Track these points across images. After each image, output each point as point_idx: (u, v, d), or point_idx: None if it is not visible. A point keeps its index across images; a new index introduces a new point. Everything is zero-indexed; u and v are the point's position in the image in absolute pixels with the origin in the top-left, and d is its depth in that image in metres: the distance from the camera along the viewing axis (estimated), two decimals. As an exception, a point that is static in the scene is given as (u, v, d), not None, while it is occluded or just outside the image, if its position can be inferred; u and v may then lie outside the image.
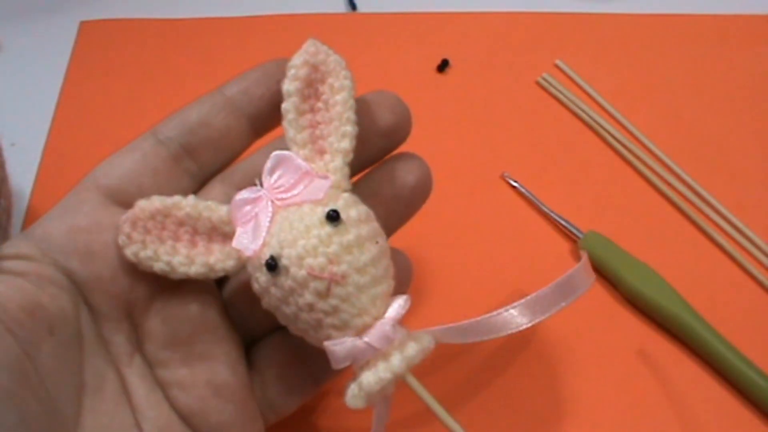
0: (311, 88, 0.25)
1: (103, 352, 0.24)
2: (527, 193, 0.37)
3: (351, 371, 0.24)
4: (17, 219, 0.35)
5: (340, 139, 0.25)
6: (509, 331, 0.24)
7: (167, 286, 0.25)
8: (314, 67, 0.25)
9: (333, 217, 0.23)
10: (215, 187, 0.26)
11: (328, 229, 0.23)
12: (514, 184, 0.37)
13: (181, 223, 0.24)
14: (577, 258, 0.35)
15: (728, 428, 0.30)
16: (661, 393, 0.31)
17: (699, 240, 0.36)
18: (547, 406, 0.31)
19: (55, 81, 0.41)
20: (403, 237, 0.34)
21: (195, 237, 0.25)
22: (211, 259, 0.24)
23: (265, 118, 0.26)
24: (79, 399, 0.23)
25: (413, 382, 0.24)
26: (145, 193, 0.25)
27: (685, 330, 0.32)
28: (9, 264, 0.23)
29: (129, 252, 0.24)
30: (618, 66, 0.42)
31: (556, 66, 0.42)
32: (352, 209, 0.24)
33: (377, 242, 0.24)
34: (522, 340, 0.32)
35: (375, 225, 0.24)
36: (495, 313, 0.24)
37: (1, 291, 0.22)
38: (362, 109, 0.26)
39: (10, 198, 0.34)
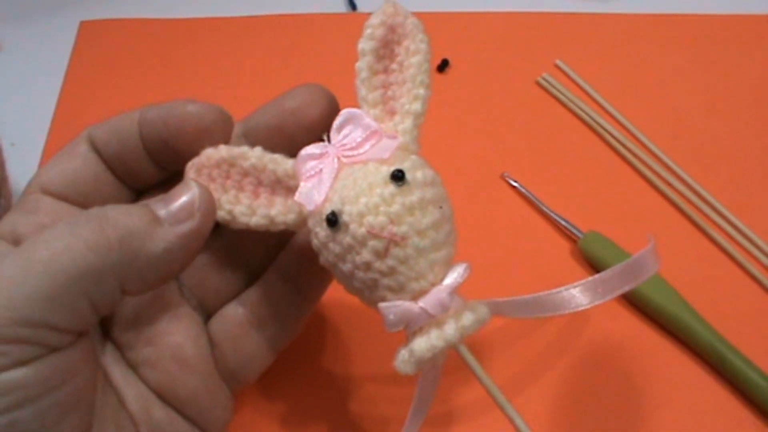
0: (387, 49, 0.25)
1: (83, 343, 0.24)
2: (527, 193, 0.37)
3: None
4: (17, 219, 0.35)
5: (412, 101, 0.24)
6: (569, 310, 0.23)
7: None
8: (391, 28, 0.25)
9: (398, 176, 0.22)
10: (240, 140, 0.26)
11: (391, 188, 0.22)
12: (515, 184, 0.37)
13: (245, 174, 0.24)
14: (578, 258, 0.35)
15: (728, 428, 0.30)
16: (661, 393, 0.31)
17: (699, 240, 0.36)
18: (546, 406, 0.31)
19: (55, 81, 0.41)
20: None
21: (258, 188, 0.25)
22: (273, 211, 0.24)
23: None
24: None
25: (466, 353, 0.23)
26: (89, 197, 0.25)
27: (686, 330, 0.32)
28: None
29: None
30: (618, 66, 0.42)
31: (556, 66, 0.42)
32: (419, 171, 0.23)
33: (441, 207, 0.23)
34: (522, 339, 0.32)
35: (441, 190, 0.24)
36: (556, 291, 0.23)
37: None
38: (288, 105, 0.26)
39: (10, 198, 0.34)
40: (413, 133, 0.24)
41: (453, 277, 0.23)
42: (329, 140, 0.24)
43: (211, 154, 0.24)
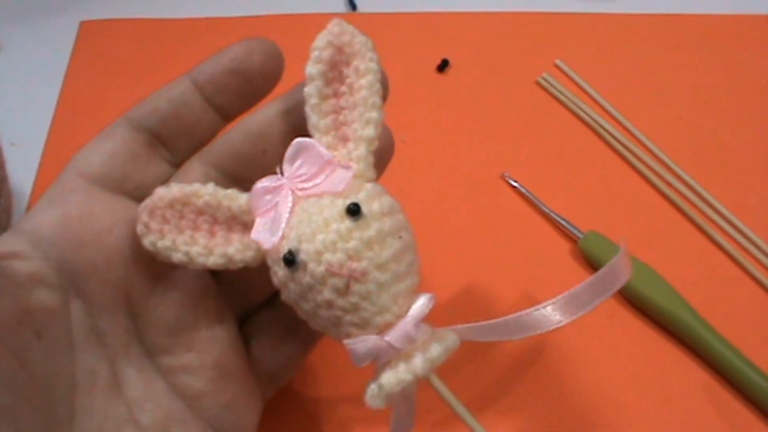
0: (335, 71, 0.24)
1: (95, 347, 0.24)
2: (527, 193, 0.37)
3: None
4: (17, 219, 0.35)
5: (365, 125, 0.23)
6: (542, 330, 0.23)
7: (166, 272, 0.25)
8: (339, 49, 0.24)
9: (353, 211, 0.22)
10: (194, 167, 0.26)
11: (348, 223, 0.22)
12: (514, 184, 0.37)
13: (200, 212, 0.24)
14: (578, 258, 0.35)
15: (728, 428, 0.30)
16: (661, 393, 0.31)
17: (699, 240, 0.36)
18: (547, 406, 0.31)
19: (55, 81, 0.41)
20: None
21: (214, 226, 0.24)
22: (230, 250, 0.24)
23: (233, 107, 0.26)
24: (72, 399, 0.23)
25: (437, 382, 0.23)
26: (127, 177, 0.25)
27: (685, 330, 0.32)
28: (1, 265, 0.23)
29: (147, 242, 0.23)
30: (618, 66, 0.42)
31: (556, 66, 0.42)
32: (375, 202, 0.23)
33: (400, 237, 0.23)
34: (521, 339, 0.32)
35: (400, 217, 0.23)
36: (527, 311, 0.23)
37: None
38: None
39: (10, 198, 0.34)
40: (368, 159, 0.23)
41: (418, 308, 0.23)
42: (282, 173, 0.24)
43: (163, 194, 0.24)
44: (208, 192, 0.24)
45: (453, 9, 0.44)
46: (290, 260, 0.22)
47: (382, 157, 0.26)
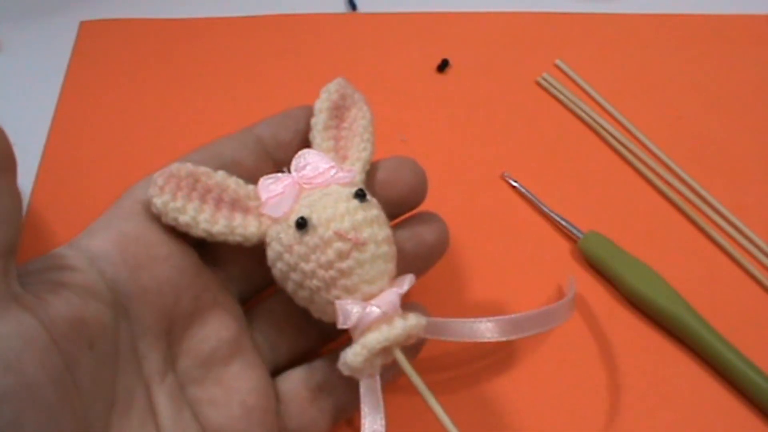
0: (338, 111, 0.29)
1: (135, 369, 0.24)
2: (527, 193, 0.37)
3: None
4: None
5: (362, 150, 0.28)
6: (477, 340, 0.26)
7: (208, 305, 0.26)
8: (342, 96, 0.29)
9: (360, 195, 0.26)
10: None
11: (355, 203, 0.26)
12: (514, 184, 0.37)
13: (208, 190, 0.26)
14: (578, 258, 0.35)
15: (728, 428, 0.30)
16: (661, 393, 0.31)
17: (699, 240, 0.36)
18: (547, 406, 0.31)
19: (55, 81, 0.41)
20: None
21: (220, 203, 0.26)
22: (234, 222, 0.26)
23: (288, 162, 0.28)
24: (109, 416, 0.23)
25: (401, 358, 0.25)
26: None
27: (685, 330, 0.32)
28: (57, 274, 0.23)
29: (159, 201, 0.25)
30: (618, 66, 0.42)
31: (556, 66, 0.42)
32: (372, 197, 0.27)
33: (389, 227, 0.27)
34: (522, 338, 0.32)
35: (385, 217, 0.27)
36: (471, 320, 0.26)
37: (50, 302, 0.22)
38: (381, 175, 0.29)
39: (10, 198, 0.34)
40: (362, 175, 0.28)
41: (402, 283, 0.26)
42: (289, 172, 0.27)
43: (179, 167, 0.26)
44: (219, 175, 0.27)
45: (453, 9, 0.44)
46: (302, 224, 0.25)
47: (433, 254, 0.29)
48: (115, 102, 0.40)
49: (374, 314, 0.25)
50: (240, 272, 0.28)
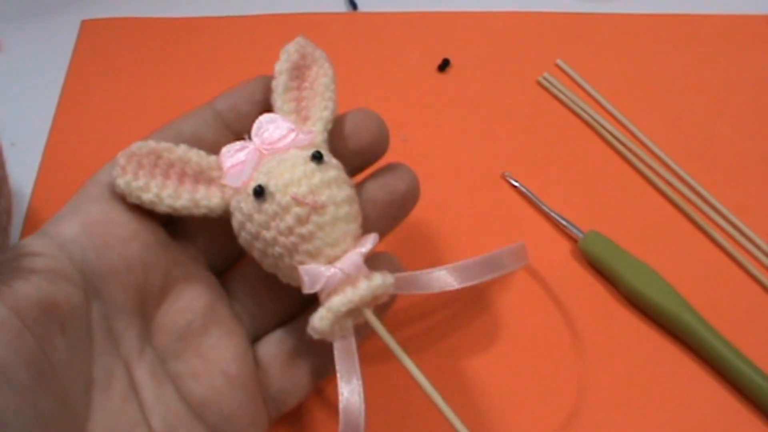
0: (298, 71, 0.29)
1: (112, 349, 0.25)
2: (528, 193, 0.37)
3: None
4: (17, 219, 0.35)
5: (323, 109, 0.28)
6: (438, 290, 0.27)
7: (179, 280, 0.26)
8: (302, 56, 0.29)
9: (317, 157, 0.26)
10: None
11: (312, 165, 0.25)
12: (515, 183, 0.37)
13: (171, 165, 0.26)
14: (578, 258, 0.35)
15: (728, 428, 0.30)
16: (661, 393, 0.31)
17: (699, 240, 0.36)
18: (546, 405, 0.31)
19: (56, 80, 0.41)
20: (405, 236, 0.34)
21: (183, 177, 0.27)
22: (197, 195, 0.26)
23: (249, 132, 0.28)
24: (89, 396, 0.23)
25: (371, 317, 0.26)
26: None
27: (685, 330, 0.32)
28: (25, 261, 0.23)
29: (122, 182, 0.25)
30: (618, 66, 0.42)
31: (557, 65, 0.42)
32: (332, 157, 0.27)
33: (350, 186, 0.27)
34: (522, 338, 0.33)
35: (346, 175, 0.27)
36: (428, 271, 0.27)
37: (19, 288, 0.22)
38: (341, 128, 0.29)
39: (10, 198, 0.34)
40: (323, 135, 0.27)
41: (364, 245, 0.25)
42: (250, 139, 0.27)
43: (140, 145, 0.26)
44: (181, 149, 0.27)
45: (454, 8, 0.44)
46: (259, 192, 0.25)
47: (406, 203, 0.29)
48: (116, 101, 0.40)
49: (338, 277, 0.25)
50: (211, 244, 0.28)
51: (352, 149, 0.28)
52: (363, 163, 0.29)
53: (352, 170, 0.28)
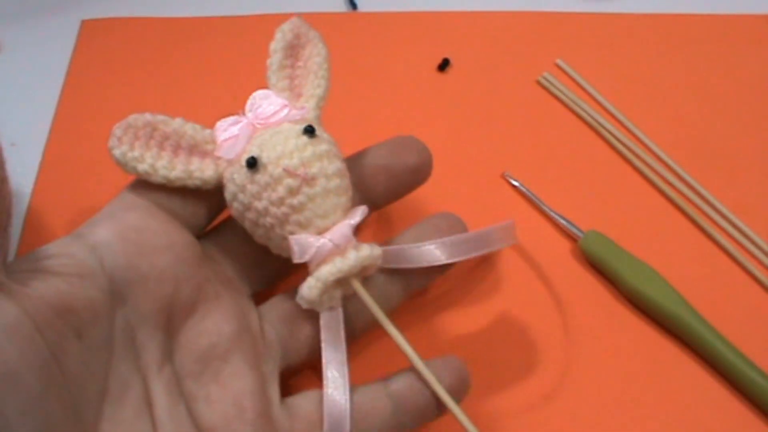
0: (293, 50, 0.29)
1: (131, 360, 0.24)
2: (528, 193, 0.37)
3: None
4: (17, 219, 0.35)
5: (315, 87, 0.28)
6: (426, 264, 0.27)
7: (209, 297, 0.26)
8: (297, 35, 0.30)
9: (309, 130, 0.26)
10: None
11: (304, 139, 0.26)
12: (515, 183, 0.37)
13: (166, 137, 0.27)
14: (578, 257, 0.35)
15: (728, 428, 0.30)
16: (661, 393, 0.31)
17: (699, 240, 0.36)
18: (546, 405, 0.31)
19: (56, 80, 0.41)
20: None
21: (178, 149, 0.27)
22: (191, 167, 0.27)
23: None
24: (101, 405, 0.23)
25: (359, 288, 0.26)
26: (186, 204, 0.27)
27: (685, 330, 0.32)
28: (52, 262, 0.23)
29: (117, 152, 0.26)
30: (619, 65, 0.42)
31: (557, 65, 0.42)
32: (324, 132, 0.27)
33: (341, 161, 0.27)
34: (522, 337, 0.33)
35: (337, 149, 0.27)
36: (416, 245, 0.28)
37: (37, 288, 0.22)
38: (391, 149, 0.30)
39: (10, 198, 0.34)
40: (316, 112, 0.28)
41: (353, 217, 0.26)
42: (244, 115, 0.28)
43: (137, 117, 0.27)
44: (176, 122, 0.27)
45: (454, 8, 0.44)
46: (252, 163, 0.26)
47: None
48: (117, 101, 0.40)
49: (327, 247, 0.25)
50: (248, 266, 0.28)
51: (402, 168, 0.29)
52: (407, 188, 0.30)
53: (396, 195, 0.30)
